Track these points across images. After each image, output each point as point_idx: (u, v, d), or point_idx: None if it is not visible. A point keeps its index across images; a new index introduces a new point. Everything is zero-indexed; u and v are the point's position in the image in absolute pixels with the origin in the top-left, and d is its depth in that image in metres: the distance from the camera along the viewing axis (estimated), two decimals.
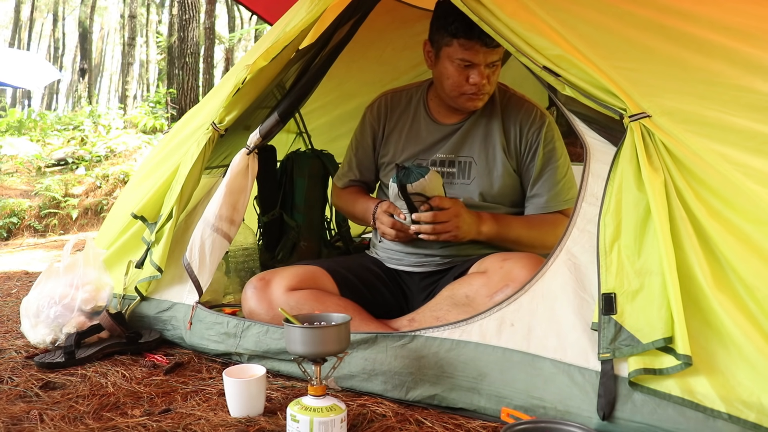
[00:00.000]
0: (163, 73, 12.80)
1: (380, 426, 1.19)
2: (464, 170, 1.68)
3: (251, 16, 17.19)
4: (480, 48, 1.53)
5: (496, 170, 1.66)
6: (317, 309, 1.51)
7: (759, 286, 0.98)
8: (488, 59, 1.57)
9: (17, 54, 9.45)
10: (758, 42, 1.30)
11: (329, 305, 1.54)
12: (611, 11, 1.38)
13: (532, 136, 1.66)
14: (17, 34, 25.44)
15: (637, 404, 1.04)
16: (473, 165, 1.67)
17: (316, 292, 1.58)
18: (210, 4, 10.23)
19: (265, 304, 1.57)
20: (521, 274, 1.36)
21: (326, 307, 1.53)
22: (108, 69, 33.22)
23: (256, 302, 1.58)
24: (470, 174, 1.67)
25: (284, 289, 1.57)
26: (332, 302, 1.56)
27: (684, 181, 1.10)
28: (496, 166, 1.66)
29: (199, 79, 9.32)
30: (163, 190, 1.86)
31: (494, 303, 1.31)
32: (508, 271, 1.41)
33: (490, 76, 1.60)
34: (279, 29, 1.76)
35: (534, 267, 1.35)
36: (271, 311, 1.56)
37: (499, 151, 1.66)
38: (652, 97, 1.19)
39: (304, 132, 2.93)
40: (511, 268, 1.40)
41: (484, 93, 1.62)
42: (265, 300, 1.57)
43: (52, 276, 1.79)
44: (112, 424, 1.22)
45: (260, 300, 1.58)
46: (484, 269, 1.48)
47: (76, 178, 6.66)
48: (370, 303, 1.62)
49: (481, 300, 1.40)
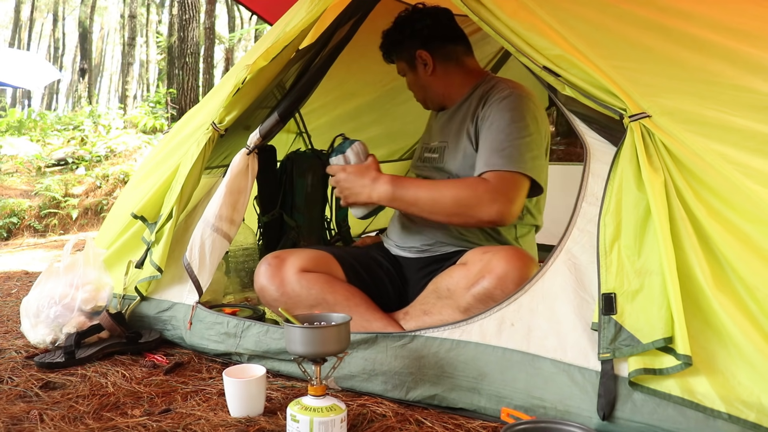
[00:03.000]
0: (163, 73, 12.80)
1: (380, 426, 1.19)
2: (441, 154, 1.72)
3: (251, 16, 17.20)
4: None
5: (461, 150, 1.65)
6: (327, 292, 1.54)
7: (759, 286, 0.98)
8: (399, 72, 1.83)
9: (17, 54, 9.44)
10: (758, 42, 1.30)
11: (338, 290, 1.56)
12: (611, 11, 1.38)
13: (492, 106, 1.59)
14: (17, 34, 25.44)
15: (637, 404, 1.04)
16: (446, 148, 1.71)
17: (327, 277, 1.60)
18: (210, 4, 10.23)
19: (277, 281, 1.58)
20: (499, 266, 1.34)
21: (335, 291, 1.55)
22: (108, 69, 33.24)
23: (268, 279, 1.59)
24: (444, 157, 1.70)
25: (297, 269, 1.58)
26: (341, 288, 1.57)
27: (684, 181, 1.10)
28: (461, 146, 1.66)
29: (199, 79, 9.32)
30: (163, 190, 1.86)
31: (472, 296, 1.34)
32: (486, 262, 1.39)
33: (410, 85, 1.83)
34: (279, 29, 1.76)
35: (517, 260, 1.34)
36: (282, 289, 1.57)
37: (465, 133, 1.65)
38: (651, 97, 1.19)
39: (304, 132, 2.93)
40: (490, 260, 1.38)
41: (418, 99, 1.86)
42: (277, 277, 1.58)
43: (52, 276, 1.79)
44: (112, 424, 1.22)
45: (272, 277, 1.58)
46: (465, 261, 1.48)
47: (76, 178, 6.66)
48: (373, 294, 1.64)
49: (460, 293, 1.40)
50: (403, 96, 2.70)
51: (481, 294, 1.36)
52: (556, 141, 6.72)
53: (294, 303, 1.55)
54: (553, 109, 3.59)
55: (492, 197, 1.43)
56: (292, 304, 1.55)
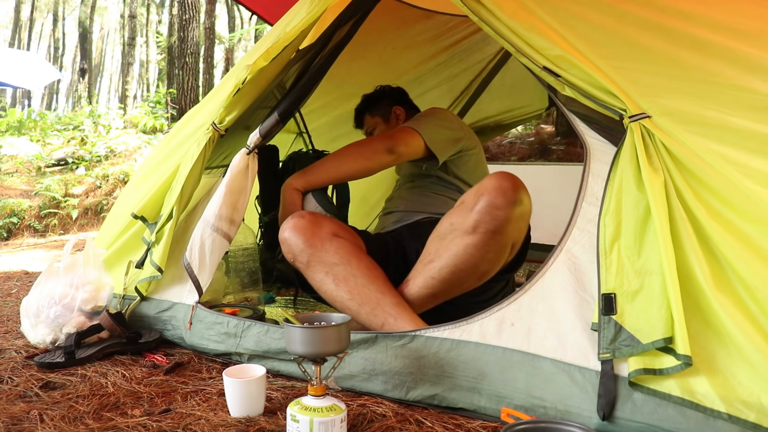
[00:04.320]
0: (163, 73, 12.80)
1: (380, 426, 1.19)
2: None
3: (251, 16, 17.20)
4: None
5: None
6: (353, 256, 1.54)
7: (759, 286, 0.98)
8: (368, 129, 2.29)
9: (17, 54, 9.43)
10: (758, 42, 1.30)
11: (363, 259, 1.55)
12: (611, 11, 1.38)
13: None
14: (17, 34, 25.44)
15: (637, 404, 1.04)
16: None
17: (355, 246, 1.60)
18: (210, 4, 10.23)
19: (308, 234, 1.56)
20: (491, 182, 1.41)
21: (360, 258, 1.54)
22: (108, 69, 33.23)
23: (299, 230, 1.57)
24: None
25: (331, 233, 1.58)
26: (366, 258, 1.57)
27: (684, 181, 1.10)
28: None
29: (199, 79, 9.32)
30: (163, 190, 1.86)
31: (477, 212, 1.39)
32: (478, 187, 1.44)
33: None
34: (279, 29, 1.76)
35: (504, 174, 1.41)
36: (311, 241, 1.55)
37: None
38: (651, 97, 1.19)
39: (305, 132, 2.93)
40: (481, 184, 1.43)
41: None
42: (309, 231, 1.56)
43: (52, 276, 1.79)
44: (112, 424, 1.22)
45: (305, 229, 1.57)
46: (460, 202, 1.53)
47: (76, 178, 6.67)
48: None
49: (463, 218, 1.43)
50: None
51: (485, 206, 1.39)
52: (556, 141, 6.73)
53: (318, 258, 1.54)
54: (553, 109, 3.60)
55: (381, 138, 1.85)
56: (316, 258, 1.54)
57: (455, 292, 1.51)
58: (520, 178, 1.44)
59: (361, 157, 1.82)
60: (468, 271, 1.45)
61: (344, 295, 1.50)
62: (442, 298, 1.52)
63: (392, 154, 1.78)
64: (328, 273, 1.53)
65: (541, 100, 3.37)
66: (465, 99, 3.32)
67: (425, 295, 1.50)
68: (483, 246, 1.42)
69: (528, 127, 7.45)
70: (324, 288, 1.54)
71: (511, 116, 3.43)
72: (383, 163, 1.82)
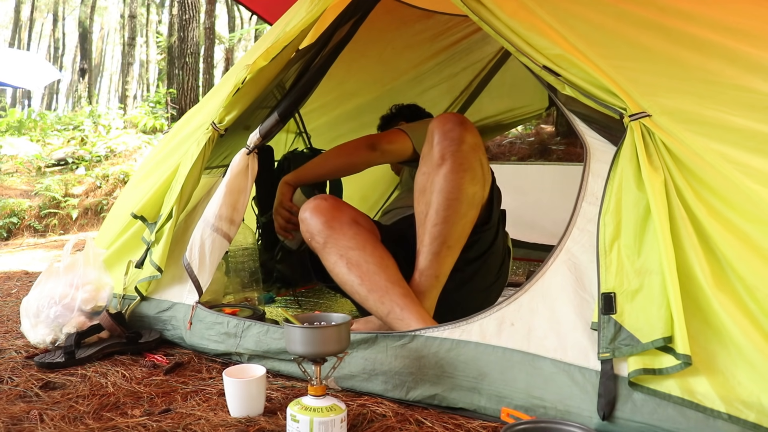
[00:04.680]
0: (163, 73, 12.80)
1: (380, 426, 1.19)
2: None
3: (251, 16, 17.20)
4: None
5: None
6: (368, 243, 1.54)
7: (759, 286, 0.98)
8: None
9: (17, 54, 9.44)
10: (758, 42, 1.30)
11: (378, 247, 1.55)
12: (611, 11, 1.38)
13: None
14: (17, 34, 25.45)
15: (637, 404, 1.04)
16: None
17: (372, 234, 1.60)
18: (210, 4, 10.24)
19: (328, 216, 1.57)
20: (434, 121, 1.53)
21: (375, 246, 1.55)
22: (108, 69, 33.25)
23: (319, 211, 1.58)
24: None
25: (351, 218, 1.59)
26: (381, 247, 1.57)
27: (684, 180, 1.10)
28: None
29: (199, 79, 9.33)
30: (163, 190, 1.86)
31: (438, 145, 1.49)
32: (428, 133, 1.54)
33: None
34: (279, 29, 1.76)
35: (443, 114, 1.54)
36: (329, 222, 1.56)
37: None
38: (651, 96, 1.19)
39: (304, 132, 2.93)
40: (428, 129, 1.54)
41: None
42: (329, 213, 1.58)
43: (52, 276, 1.79)
44: (112, 424, 1.22)
45: (325, 211, 1.58)
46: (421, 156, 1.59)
47: (76, 178, 6.67)
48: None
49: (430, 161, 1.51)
50: (403, 96, 2.71)
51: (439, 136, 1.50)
52: (556, 141, 6.73)
53: (334, 240, 1.55)
54: (553, 109, 3.60)
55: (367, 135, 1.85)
56: (332, 241, 1.55)
57: (464, 231, 1.53)
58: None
59: (343, 152, 1.85)
60: (459, 198, 1.49)
61: (355, 280, 1.50)
62: (455, 245, 1.52)
63: (375, 150, 1.79)
64: (342, 256, 1.53)
65: (541, 99, 3.37)
66: (464, 98, 3.32)
67: (438, 251, 1.50)
68: (457, 167, 1.48)
69: (528, 127, 7.45)
70: (336, 270, 1.55)
71: (511, 116, 3.43)
72: (366, 159, 1.81)
